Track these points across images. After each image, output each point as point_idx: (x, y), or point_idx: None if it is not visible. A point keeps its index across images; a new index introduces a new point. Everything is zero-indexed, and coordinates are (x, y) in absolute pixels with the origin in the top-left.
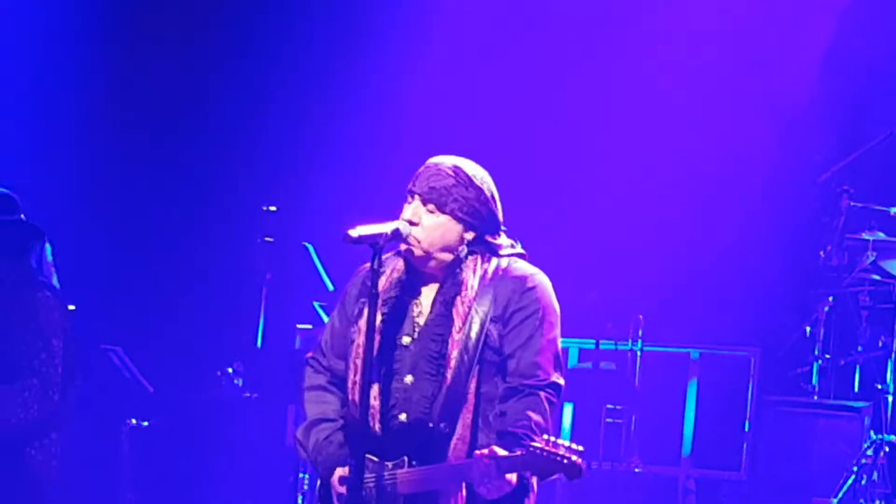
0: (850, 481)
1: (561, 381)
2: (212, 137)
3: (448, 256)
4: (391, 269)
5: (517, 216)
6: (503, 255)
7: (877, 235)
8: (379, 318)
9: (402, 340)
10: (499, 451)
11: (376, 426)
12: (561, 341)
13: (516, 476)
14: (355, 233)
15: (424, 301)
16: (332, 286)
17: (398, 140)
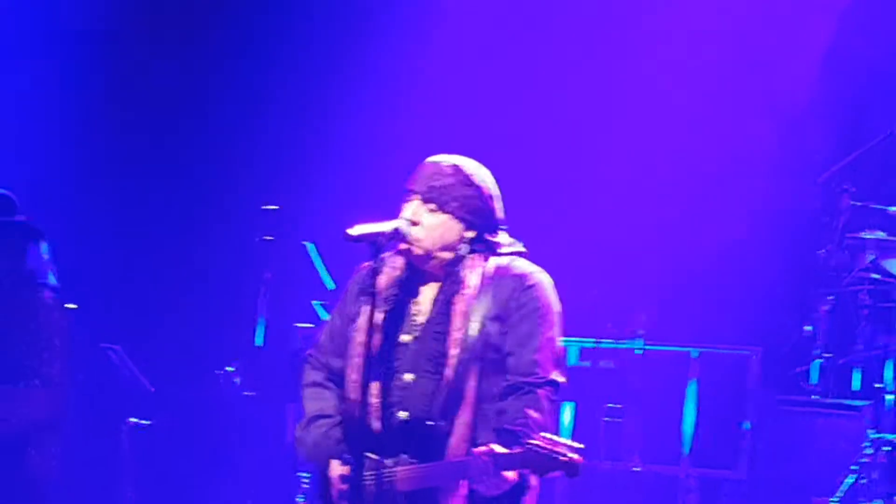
0: (850, 481)
1: (560, 378)
2: (211, 136)
3: (448, 255)
4: (391, 267)
5: (518, 215)
6: (503, 253)
7: (877, 235)
8: (379, 316)
9: (402, 338)
10: (497, 449)
11: (376, 424)
12: (561, 340)
13: (516, 474)
14: (355, 231)
15: (424, 299)
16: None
17: (398, 139)
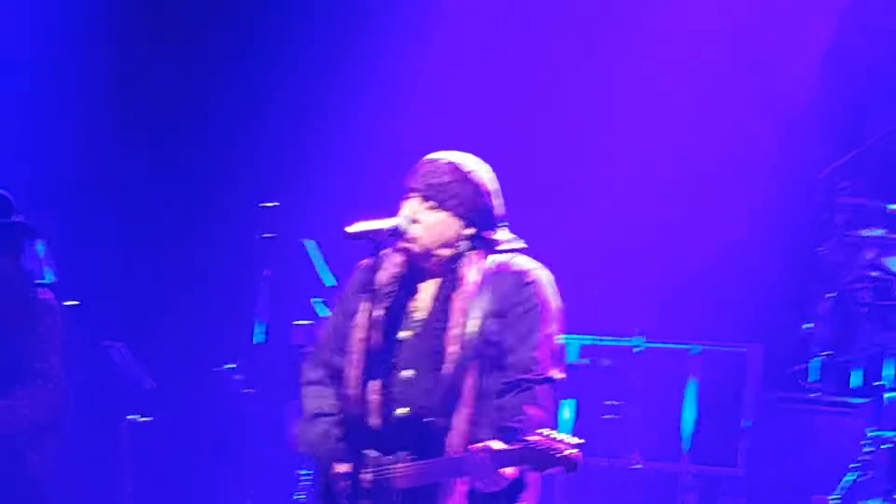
0: (850, 478)
1: (559, 375)
2: (212, 134)
3: (447, 252)
4: (390, 264)
5: (518, 213)
6: (503, 250)
7: (877, 232)
8: (378, 313)
9: (401, 335)
10: (495, 446)
11: (375, 421)
12: (560, 337)
13: (515, 470)
14: (355, 229)
15: (423, 296)
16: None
17: (398, 136)
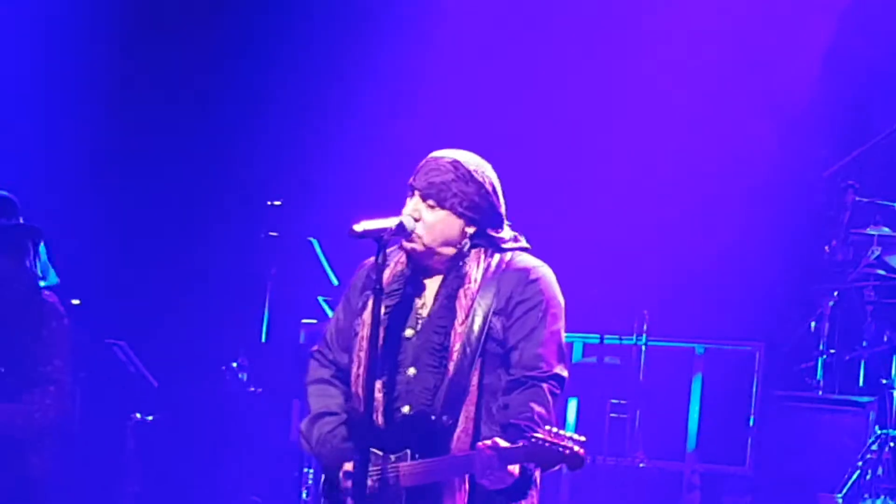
0: (855, 476)
1: (564, 372)
2: (216, 133)
3: (450, 251)
4: (395, 262)
5: (522, 212)
6: (507, 248)
7: (882, 230)
8: (383, 310)
9: (406, 333)
10: (501, 443)
11: (380, 419)
12: (565, 335)
13: (519, 468)
14: (360, 227)
15: (428, 294)
16: (337, 281)
17: (402, 134)
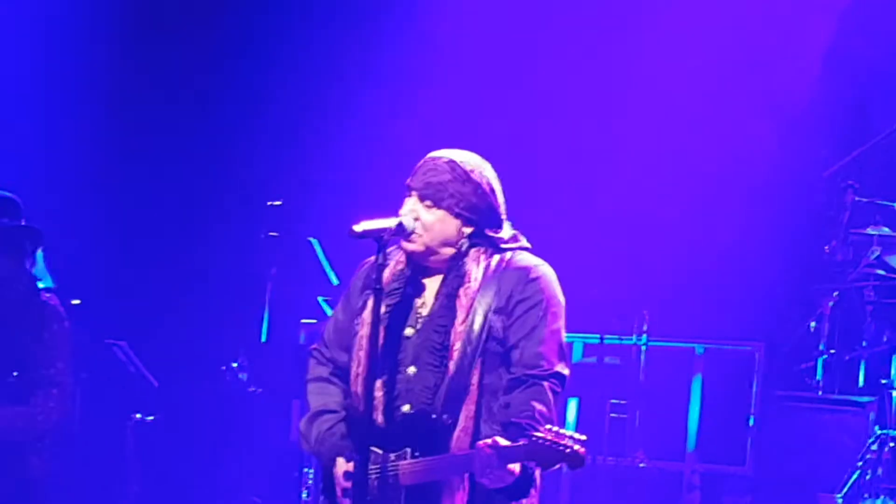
0: (855, 476)
1: (565, 371)
2: (216, 133)
3: (449, 251)
4: (395, 261)
5: (522, 212)
6: (506, 248)
7: (882, 230)
8: (383, 310)
9: (406, 332)
10: (501, 442)
11: (380, 418)
12: (565, 334)
13: (519, 467)
14: (360, 227)
15: (428, 293)
16: (337, 281)
17: (402, 134)
